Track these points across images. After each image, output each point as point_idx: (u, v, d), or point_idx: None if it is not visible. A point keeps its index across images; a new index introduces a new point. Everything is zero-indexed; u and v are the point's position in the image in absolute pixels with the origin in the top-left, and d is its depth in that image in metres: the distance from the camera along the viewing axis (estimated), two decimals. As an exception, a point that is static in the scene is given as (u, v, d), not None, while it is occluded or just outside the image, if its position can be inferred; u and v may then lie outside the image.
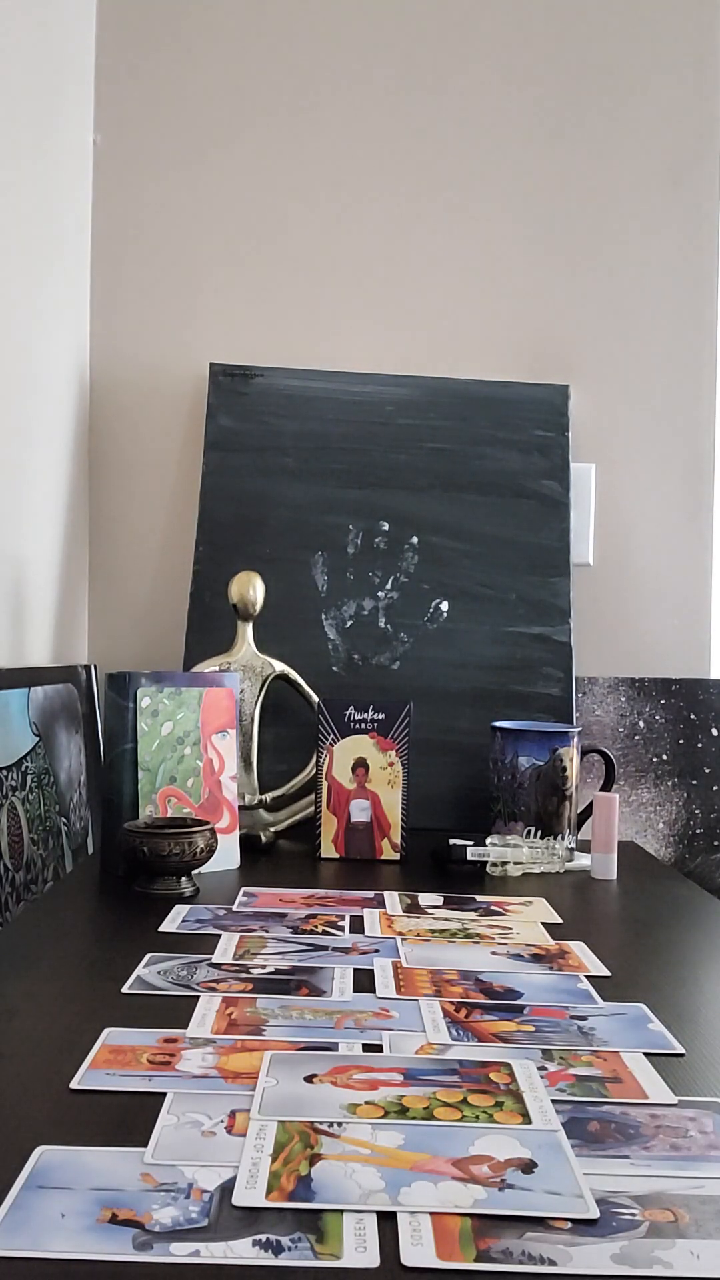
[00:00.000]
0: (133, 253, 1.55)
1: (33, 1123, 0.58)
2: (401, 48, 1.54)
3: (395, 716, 1.23)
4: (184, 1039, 0.69)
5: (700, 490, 1.55)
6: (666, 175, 1.54)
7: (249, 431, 1.48)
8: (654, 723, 1.50)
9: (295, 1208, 0.50)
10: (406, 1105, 0.60)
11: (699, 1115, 0.61)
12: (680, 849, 1.49)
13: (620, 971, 0.85)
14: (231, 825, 1.17)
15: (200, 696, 1.17)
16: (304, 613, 1.43)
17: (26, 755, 1.24)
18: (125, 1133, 0.57)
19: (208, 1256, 0.46)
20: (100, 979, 0.80)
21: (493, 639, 1.43)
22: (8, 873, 1.15)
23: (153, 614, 1.55)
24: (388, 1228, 0.49)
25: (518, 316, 1.55)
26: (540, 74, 1.54)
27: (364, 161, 1.55)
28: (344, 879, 1.13)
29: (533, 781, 1.26)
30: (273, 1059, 0.66)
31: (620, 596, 1.54)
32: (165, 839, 1.02)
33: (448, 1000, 0.77)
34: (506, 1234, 0.49)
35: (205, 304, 1.55)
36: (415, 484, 1.47)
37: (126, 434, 1.56)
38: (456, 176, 1.55)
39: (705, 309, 1.55)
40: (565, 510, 1.47)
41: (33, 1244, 0.47)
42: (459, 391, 1.50)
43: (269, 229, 1.55)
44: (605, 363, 1.55)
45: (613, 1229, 0.49)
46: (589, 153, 1.54)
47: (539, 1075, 0.65)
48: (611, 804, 1.17)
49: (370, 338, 1.55)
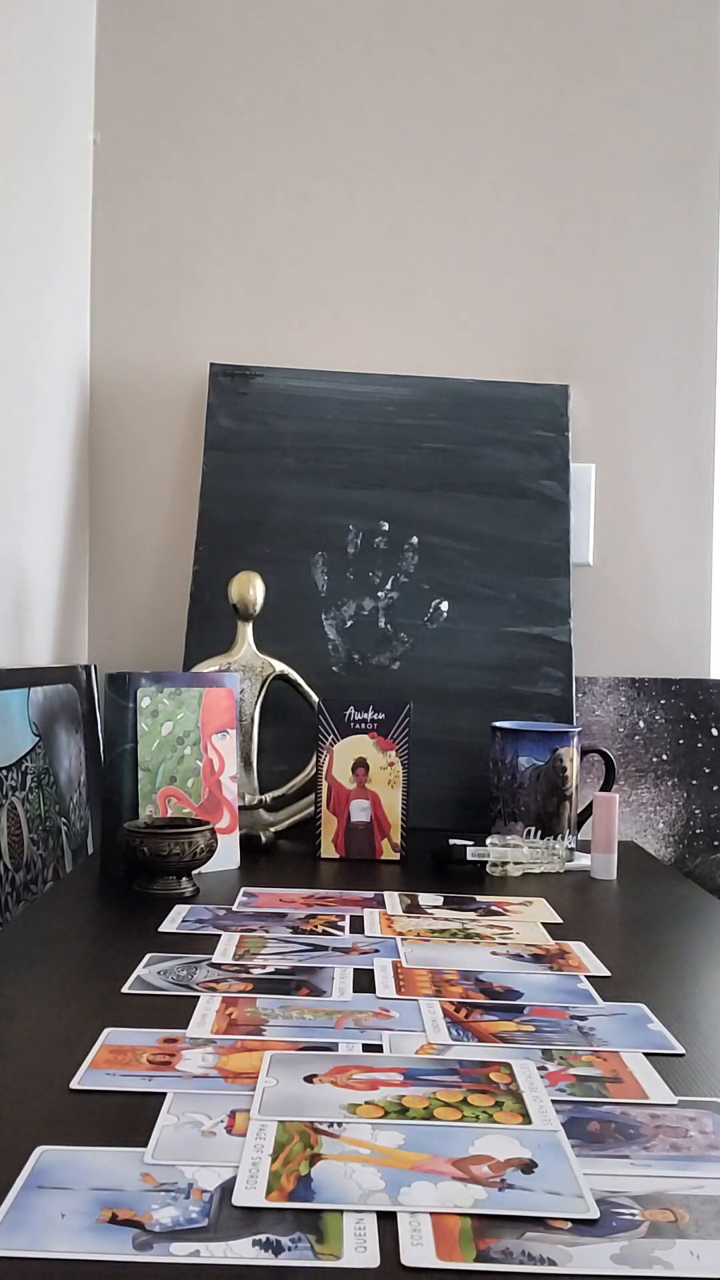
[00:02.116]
0: (133, 253, 1.55)
1: (33, 1123, 0.58)
2: (401, 48, 1.54)
3: (395, 716, 1.23)
4: (184, 1039, 0.69)
5: (700, 490, 1.55)
6: (666, 174, 1.54)
7: (249, 432, 1.48)
8: (654, 723, 1.50)
9: (295, 1208, 0.50)
10: (406, 1105, 0.60)
11: (699, 1115, 0.61)
12: (680, 849, 1.49)
13: (620, 971, 0.85)
14: (231, 825, 1.17)
15: (200, 696, 1.17)
16: (304, 613, 1.43)
17: (26, 755, 1.24)
18: (125, 1133, 0.57)
19: (208, 1256, 0.46)
20: (100, 979, 0.80)
21: (493, 639, 1.43)
22: (8, 873, 1.15)
23: (153, 614, 1.55)
24: (388, 1228, 0.49)
25: (518, 316, 1.55)
26: (540, 73, 1.54)
27: (363, 161, 1.55)
28: (344, 879, 1.13)
29: (533, 781, 1.26)
30: (273, 1059, 0.66)
31: (620, 596, 1.54)
32: (165, 839, 1.02)
33: (448, 1000, 0.77)
34: (506, 1234, 0.49)
35: (205, 304, 1.55)
36: (415, 484, 1.47)
37: (126, 434, 1.56)
38: (457, 177, 1.55)
39: (705, 309, 1.55)
40: (565, 510, 1.47)
41: (33, 1244, 0.47)
42: (459, 391, 1.50)
43: (269, 229, 1.55)
44: (605, 363, 1.55)
45: (613, 1229, 0.49)
46: (589, 152, 1.54)
47: (539, 1075, 0.65)
48: (611, 804, 1.17)
49: (370, 338, 1.55)
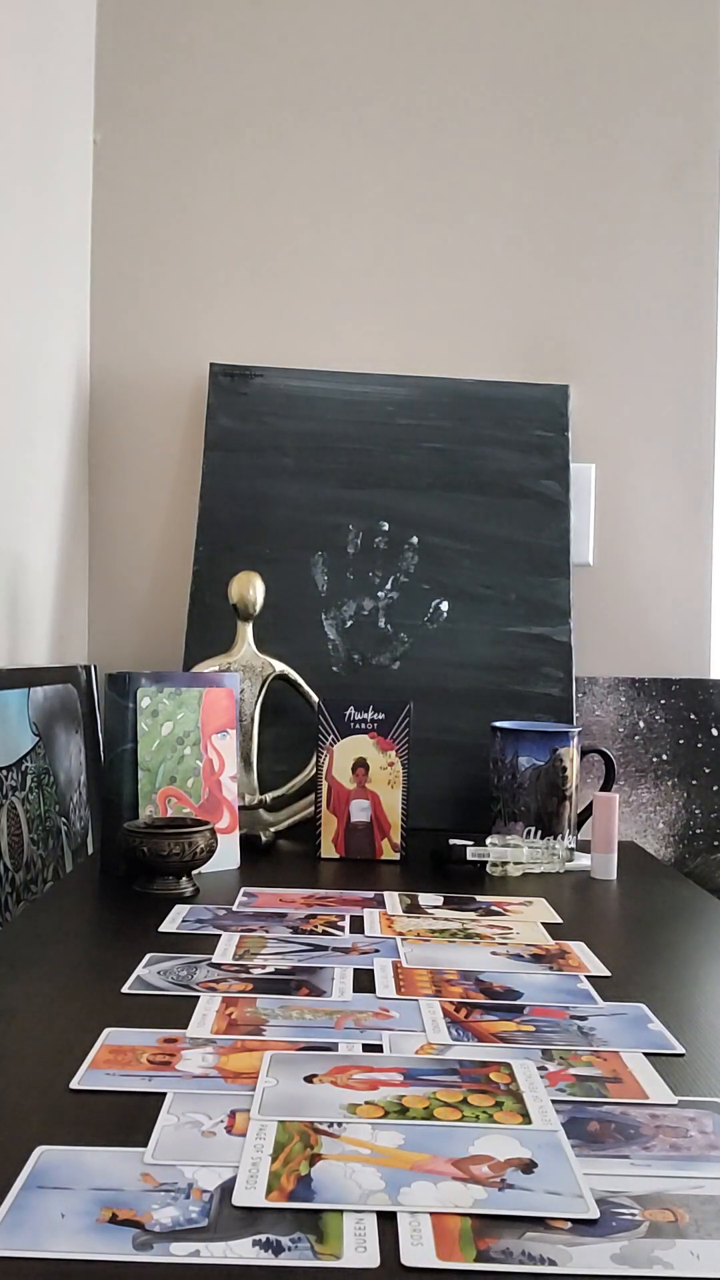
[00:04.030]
0: (133, 253, 1.55)
1: (33, 1123, 0.58)
2: (401, 48, 1.54)
3: (395, 716, 1.23)
4: (184, 1039, 0.69)
5: (700, 490, 1.55)
6: (666, 176, 1.54)
7: (249, 431, 1.48)
8: (654, 723, 1.50)
9: (295, 1208, 0.50)
10: (406, 1105, 0.60)
11: (699, 1115, 0.61)
12: (680, 849, 1.49)
13: (620, 971, 0.85)
14: (231, 825, 1.17)
15: (200, 696, 1.17)
16: (304, 613, 1.43)
17: (26, 755, 1.24)
18: (125, 1133, 0.57)
19: (208, 1256, 0.46)
20: (100, 979, 0.80)
21: (493, 639, 1.43)
22: (8, 873, 1.15)
23: (153, 614, 1.55)
24: (388, 1228, 0.49)
25: (518, 316, 1.55)
26: (540, 74, 1.54)
27: (364, 161, 1.55)
28: (344, 879, 1.13)
29: (533, 781, 1.26)
30: (273, 1059, 0.66)
31: (620, 596, 1.54)
32: (165, 839, 1.02)
33: (448, 1000, 0.77)
34: (506, 1234, 0.49)
35: (205, 304, 1.55)
36: (415, 484, 1.47)
37: (126, 434, 1.56)
38: (457, 176, 1.55)
39: (705, 309, 1.55)
40: (565, 510, 1.47)
41: (33, 1244, 0.47)
42: (459, 391, 1.50)
43: (269, 229, 1.55)
44: (605, 363, 1.55)
45: (613, 1229, 0.49)
46: (589, 153, 1.54)
47: (539, 1075, 0.65)
48: (611, 804, 1.17)
49: (370, 338, 1.55)
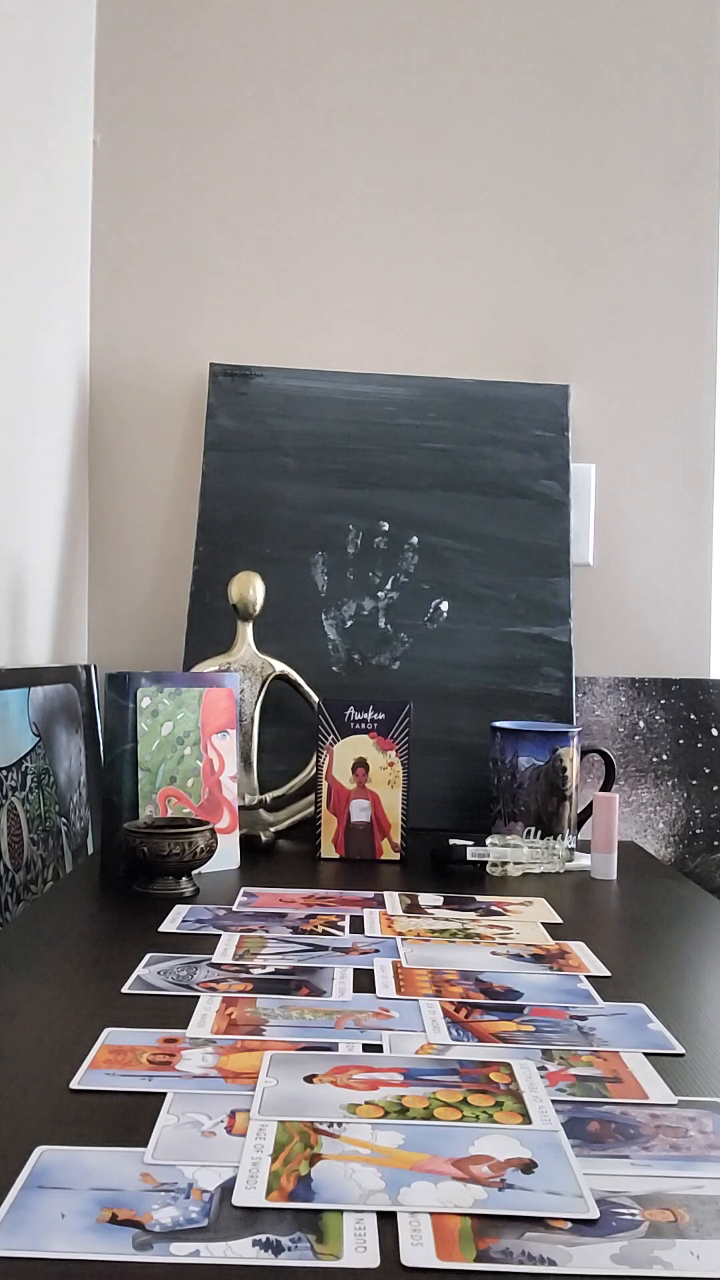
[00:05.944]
0: (133, 253, 1.55)
1: (33, 1123, 0.58)
2: (401, 48, 1.54)
3: (395, 716, 1.23)
4: (184, 1039, 0.69)
5: (700, 490, 1.55)
6: (666, 175, 1.54)
7: (249, 431, 1.48)
8: (654, 723, 1.50)
9: (295, 1208, 0.50)
10: (406, 1105, 0.60)
11: (699, 1115, 0.61)
12: (680, 849, 1.49)
13: (620, 971, 0.85)
14: (231, 825, 1.17)
15: (200, 696, 1.17)
16: (304, 613, 1.43)
17: (26, 755, 1.24)
18: (125, 1133, 0.57)
19: (208, 1256, 0.46)
20: (100, 979, 0.80)
21: (493, 639, 1.43)
22: (8, 873, 1.15)
23: (153, 614, 1.55)
24: (388, 1228, 0.49)
25: (518, 316, 1.55)
26: (540, 74, 1.54)
27: (363, 162, 1.55)
28: (344, 879, 1.13)
29: (533, 781, 1.26)
30: (273, 1059, 0.66)
31: (620, 596, 1.54)
32: (165, 839, 1.02)
33: (448, 1000, 0.77)
34: (506, 1234, 0.49)
35: (205, 304, 1.55)
36: (415, 484, 1.47)
37: (126, 434, 1.56)
38: (457, 176, 1.55)
39: (705, 309, 1.55)
40: (565, 510, 1.47)
41: (33, 1244, 0.47)
42: (459, 392, 1.50)
43: (269, 229, 1.55)
44: (605, 363, 1.55)
45: (613, 1229, 0.49)
46: (589, 152, 1.54)
47: (539, 1075, 0.65)
48: (611, 804, 1.17)
49: (370, 338, 1.55)
